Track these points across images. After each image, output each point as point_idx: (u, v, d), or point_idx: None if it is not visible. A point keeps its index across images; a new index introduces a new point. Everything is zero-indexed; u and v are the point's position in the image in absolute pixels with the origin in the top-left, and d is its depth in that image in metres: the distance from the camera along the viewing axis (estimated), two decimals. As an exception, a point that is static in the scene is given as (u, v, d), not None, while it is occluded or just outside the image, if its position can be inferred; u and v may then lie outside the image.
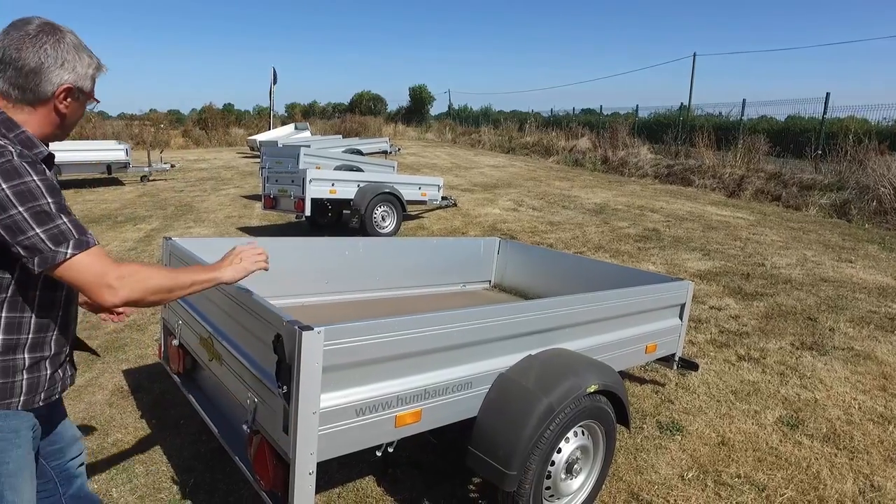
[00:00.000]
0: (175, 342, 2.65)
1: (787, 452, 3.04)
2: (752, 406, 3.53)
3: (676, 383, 3.81)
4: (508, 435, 2.07)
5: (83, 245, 1.28)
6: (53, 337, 1.44)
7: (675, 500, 2.63)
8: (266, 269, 1.67)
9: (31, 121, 1.35)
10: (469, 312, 2.06)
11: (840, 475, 2.86)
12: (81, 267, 1.27)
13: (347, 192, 7.75)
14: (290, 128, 22.85)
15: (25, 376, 1.38)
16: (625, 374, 3.42)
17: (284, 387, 1.66)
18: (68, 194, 11.50)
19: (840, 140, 12.09)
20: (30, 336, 1.38)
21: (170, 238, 2.85)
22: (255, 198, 11.12)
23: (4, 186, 1.20)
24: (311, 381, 1.64)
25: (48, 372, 1.43)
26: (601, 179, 15.13)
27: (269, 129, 23.41)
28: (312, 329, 1.61)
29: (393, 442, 1.99)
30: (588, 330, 2.64)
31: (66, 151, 12.00)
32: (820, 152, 12.81)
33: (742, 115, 15.94)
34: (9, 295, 1.32)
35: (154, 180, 13.59)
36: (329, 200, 7.88)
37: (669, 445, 3.08)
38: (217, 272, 1.54)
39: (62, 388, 1.51)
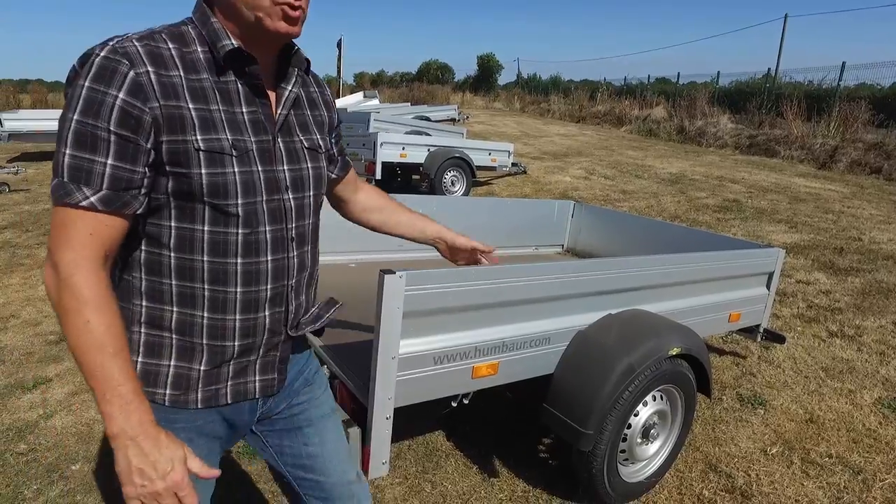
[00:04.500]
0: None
1: (889, 436, 2.81)
2: (846, 385, 3.29)
3: (759, 356, 3.61)
4: (586, 393, 2.01)
5: None
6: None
7: (757, 475, 2.50)
8: None
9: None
10: (549, 266, 2.00)
11: (948, 462, 2.62)
12: None
13: (418, 156, 7.75)
14: (358, 96, 22.99)
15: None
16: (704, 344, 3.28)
17: (365, 330, 1.67)
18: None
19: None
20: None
21: None
22: (326, 163, 11.33)
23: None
24: (391, 326, 1.63)
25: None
26: (677, 149, 14.42)
27: (339, 97, 23.70)
28: (394, 273, 1.59)
29: (469, 394, 1.97)
30: (671, 293, 2.51)
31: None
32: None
33: (840, 80, 14.67)
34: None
35: (231, 146, 14.11)
36: (399, 164, 7.91)
37: (751, 419, 2.92)
38: (112, 421, 0.89)
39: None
